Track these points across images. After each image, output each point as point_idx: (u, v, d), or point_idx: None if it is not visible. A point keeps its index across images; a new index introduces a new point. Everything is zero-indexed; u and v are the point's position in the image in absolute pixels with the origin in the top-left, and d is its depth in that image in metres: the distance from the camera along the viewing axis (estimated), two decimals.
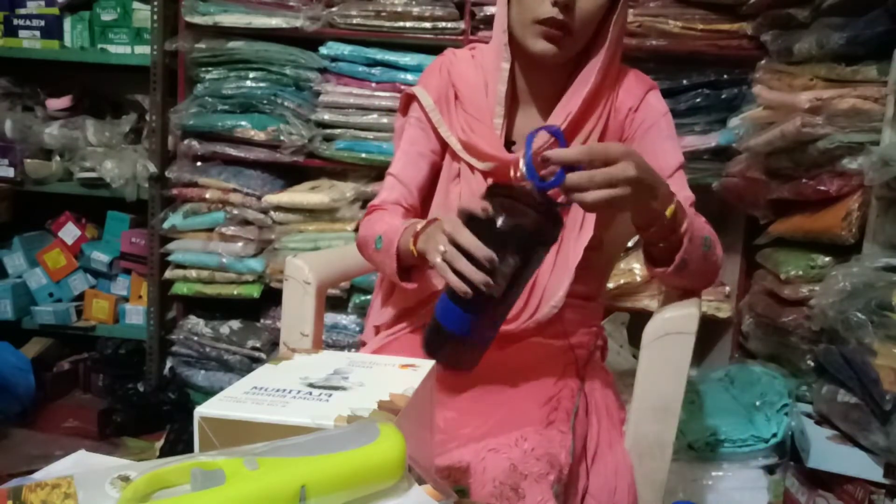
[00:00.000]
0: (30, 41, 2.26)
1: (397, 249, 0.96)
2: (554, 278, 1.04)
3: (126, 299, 2.36)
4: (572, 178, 0.79)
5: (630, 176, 0.80)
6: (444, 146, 1.10)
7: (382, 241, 0.99)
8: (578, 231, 1.04)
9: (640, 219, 0.90)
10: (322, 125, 2.12)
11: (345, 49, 2.07)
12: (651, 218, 0.89)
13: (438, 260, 0.80)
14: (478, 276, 0.77)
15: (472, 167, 1.07)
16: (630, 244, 1.96)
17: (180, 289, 2.21)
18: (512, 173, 0.82)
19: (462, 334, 0.83)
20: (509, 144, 1.07)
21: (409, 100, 1.15)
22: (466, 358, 0.88)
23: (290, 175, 2.25)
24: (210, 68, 2.13)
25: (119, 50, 2.24)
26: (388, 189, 1.10)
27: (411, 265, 0.99)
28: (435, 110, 1.09)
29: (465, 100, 1.08)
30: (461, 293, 0.78)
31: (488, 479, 0.79)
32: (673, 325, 0.97)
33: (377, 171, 2.13)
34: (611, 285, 1.96)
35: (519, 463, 0.80)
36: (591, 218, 1.03)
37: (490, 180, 1.06)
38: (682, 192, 1.03)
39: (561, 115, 1.02)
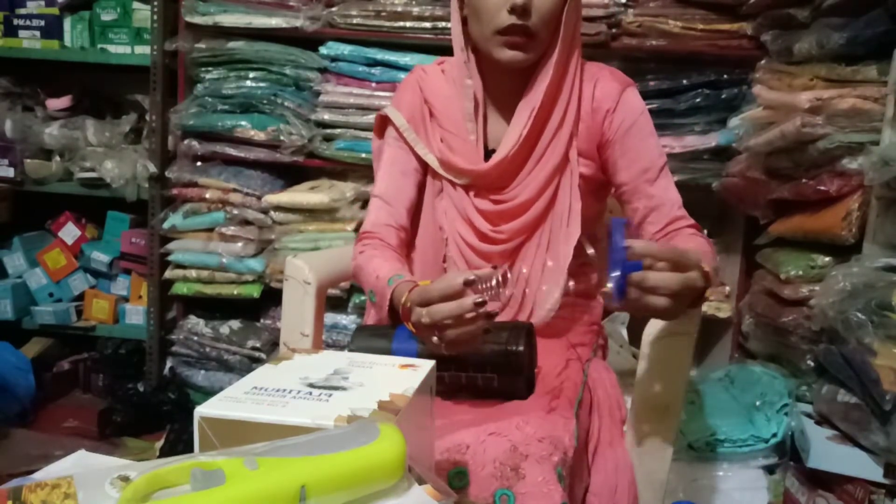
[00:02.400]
0: (30, 41, 2.26)
1: (388, 310, 0.94)
2: (546, 281, 1.03)
3: (126, 299, 2.36)
4: (657, 276, 0.77)
5: (699, 287, 0.81)
6: (425, 164, 1.10)
7: (374, 296, 0.98)
8: (566, 229, 1.04)
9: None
10: (322, 125, 2.12)
11: (345, 49, 2.07)
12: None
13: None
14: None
15: (452, 183, 1.08)
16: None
17: (180, 289, 2.21)
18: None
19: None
20: (489, 154, 1.07)
21: (383, 121, 1.15)
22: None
23: (290, 175, 2.25)
24: (210, 68, 2.13)
25: (119, 50, 2.24)
26: (375, 210, 1.09)
27: None
28: (409, 129, 1.10)
29: (439, 115, 1.09)
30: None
31: (488, 459, 0.79)
32: (673, 325, 0.97)
33: None
34: (611, 285, 1.95)
35: (520, 444, 0.80)
36: (577, 216, 1.03)
37: (472, 194, 1.07)
38: (669, 191, 1.04)
39: (525, 113, 1.03)
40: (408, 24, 2.02)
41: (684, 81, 1.97)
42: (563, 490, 0.79)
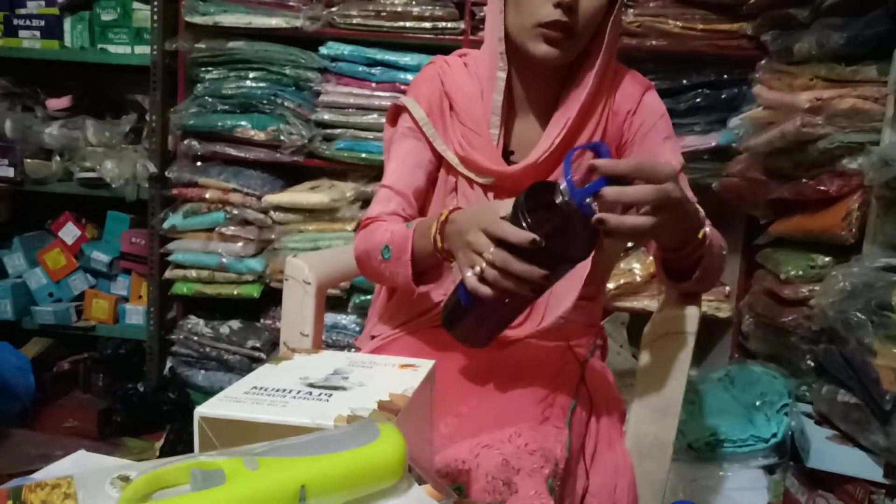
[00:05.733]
0: (30, 41, 2.26)
1: (411, 255, 0.92)
2: (561, 288, 1.03)
3: (126, 299, 2.36)
4: (611, 190, 0.73)
5: (675, 197, 0.76)
6: (440, 158, 1.07)
7: (391, 250, 0.94)
8: None
9: (673, 242, 0.88)
10: (322, 125, 2.12)
11: (345, 49, 2.07)
12: (683, 241, 0.87)
13: (485, 267, 0.77)
14: (526, 290, 0.76)
15: (470, 181, 1.04)
16: (630, 244, 1.96)
17: (180, 289, 2.21)
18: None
19: (484, 316, 0.83)
20: (507, 154, 1.06)
21: (398, 111, 1.10)
22: (481, 336, 0.88)
23: (290, 175, 2.25)
24: (210, 68, 2.13)
25: (119, 50, 2.24)
26: (383, 201, 1.04)
27: (427, 268, 0.95)
28: (428, 123, 1.05)
29: (460, 110, 1.05)
30: (524, 294, 0.76)
31: (481, 474, 0.79)
32: (673, 325, 0.97)
33: (377, 171, 2.13)
34: (611, 285, 1.96)
35: (511, 458, 0.80)
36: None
37: (491, 195, 1.04)
38: (685, 192, 1.03)
39: (560, 122, 1.01)
40: (408, 24, 2.02)
41: (684, 81, 1.97)
42: (553, 503, 0.79)
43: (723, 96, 1.97)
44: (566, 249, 0.76)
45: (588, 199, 0.73)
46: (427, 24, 2.01)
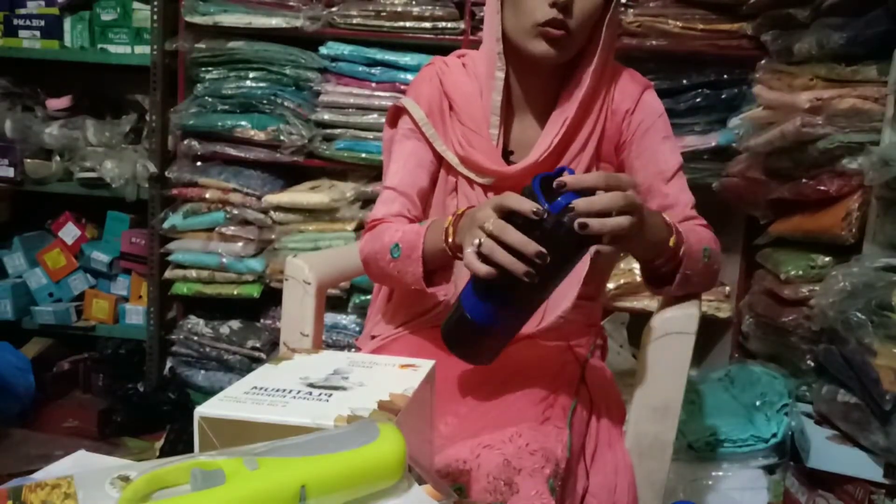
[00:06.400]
0: (30, 41, 2.26)
1: (423, 252, 0.92)
2: (560, 287, 1.03)
3: (126, 299, 2.36)
4: (582, 201, 0.75)
5: (639, 203, 0.79)
6: (440, 158, 1.07)
7: (401, 249, 0.94)
8: None
9: (643, 250, 0.91)
10: (322, 125, 2.12)
11: (345, 49, 2.07)
12: (658, 251, 0.90)
13: (483, 240, 0.76)
14: (521, 266, 0.74)
15: (470, 181, 1.05)
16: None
17: (180, 289, 2.21)
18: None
19: (487, 326, 0.82)
20: (506, 154, 1.06)
21: (397, 112, 1.11)
22: (485, 351, 0.87)
23: (290, 175, 2.25)
24: (210, 68, 2.13)
25: (119, 50, 2.24)
26: (387, 202, 1.04)
27: (437, 268, 0.95)
28: (428, 124, 1.06)
29: (460, 111, 1.05)
30: (519, 273, 0.75)
31: (482, 474, 0.79)
32: (673, 325, 0.97)
33: (377, 171, 2.13)
34: (611, 285, 1.96)
35: (512, 458, 0.80)
36: None
37: (491, 195, 1.03)
38: (683, 194, 1.03)
39: (558, 121, 1.01)
40: (408, 24, 2.02)
41: (684, 81, 1.97)
42: (554, 503, 0.79)
43: (723, 96, 1.97)
44: (558, 265, 0.78)
45: (566, 217, 0.76)
46: (427, 24, 2.01)
